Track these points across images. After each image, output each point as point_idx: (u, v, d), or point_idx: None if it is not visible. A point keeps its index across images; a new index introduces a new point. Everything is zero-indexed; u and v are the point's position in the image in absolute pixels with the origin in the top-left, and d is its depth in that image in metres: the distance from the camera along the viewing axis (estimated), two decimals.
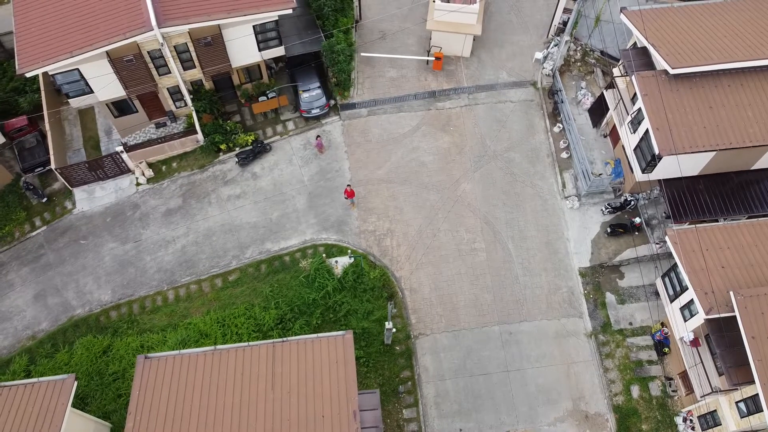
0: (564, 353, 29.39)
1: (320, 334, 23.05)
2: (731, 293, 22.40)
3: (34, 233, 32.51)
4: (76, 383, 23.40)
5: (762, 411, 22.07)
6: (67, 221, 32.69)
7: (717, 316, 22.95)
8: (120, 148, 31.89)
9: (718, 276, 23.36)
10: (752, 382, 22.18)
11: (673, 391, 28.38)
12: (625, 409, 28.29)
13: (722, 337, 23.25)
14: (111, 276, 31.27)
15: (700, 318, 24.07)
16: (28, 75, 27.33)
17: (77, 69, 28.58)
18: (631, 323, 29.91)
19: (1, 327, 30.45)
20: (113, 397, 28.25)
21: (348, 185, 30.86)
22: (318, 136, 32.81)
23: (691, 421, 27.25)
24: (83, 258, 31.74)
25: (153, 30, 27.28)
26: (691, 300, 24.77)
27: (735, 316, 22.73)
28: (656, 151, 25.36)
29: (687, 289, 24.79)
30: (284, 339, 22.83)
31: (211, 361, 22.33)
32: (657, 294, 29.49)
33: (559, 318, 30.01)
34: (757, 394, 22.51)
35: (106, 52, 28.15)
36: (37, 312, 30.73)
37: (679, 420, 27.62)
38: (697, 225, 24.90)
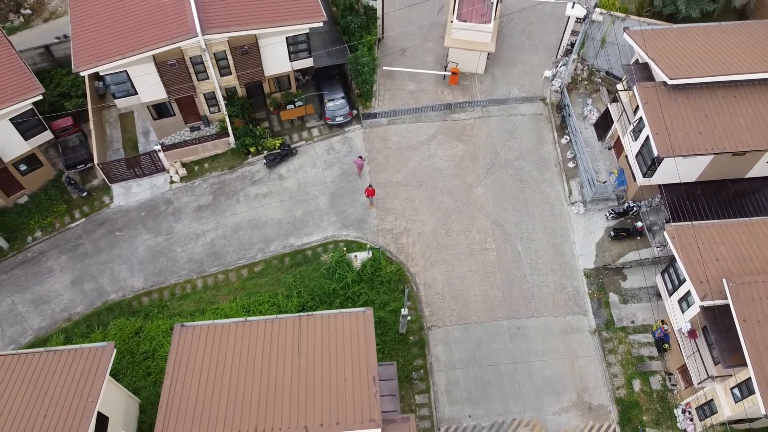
0: (569, 348, 30.99)
1: (342, 310, 24.95)
2: (724, 281, 24.21)
3: (73, 224, 34.79)
4: (115, 351, 25.31)
5: (755, 393, 23.56)
6: (105, 214, 35.00)
7: (711, 303, 24.70)
8: (158, 147, 34.41)
9: (712, 267, 25.19)
10: (744, 365, 23.75)
11: (672, 385, 29.83)
12: (627, 401, 29.71)
13: (717, 324, 24.93)
14: (144, 265, 33.38)
15: (696, 307, 25.79)
16: (82, 73, 30.06)
17: (125, 71, 31.32)
18: (633, 321, 31.54)
19: (40, 309, 32.47)
20: (143, 375, 30.05)
21: (369, 185, 33.10)
22: (360, 156, 34.57)
23: (689, 412, 28.65)
24: (118, 248, 33.92)
25: (197, 36, 30.04)
26: (688, 292, 26.54)
27: (728, 305, 24.47)
28: (656, 154, 27.51)
29: (684, 281, 26.59)
30: (309, 313, 24.72)
31: (242, 330, 24.21)
32: (658, 295, 31.16)
33: (565, 315, 31.70)
34: (749, 378, 24.04)
35: (153, 56, 30.90)
36: (74, 296, 32.77)
37: (678, 412, 29.01)
38: (694, 222, 26.82)
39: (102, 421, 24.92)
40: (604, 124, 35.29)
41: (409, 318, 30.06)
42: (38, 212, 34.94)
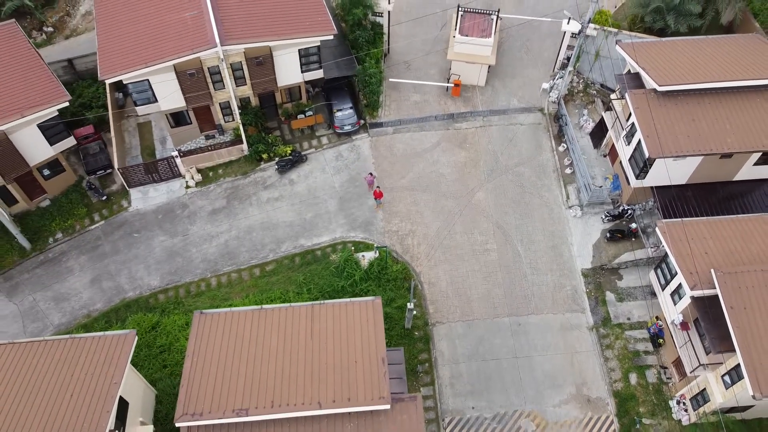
0: (568, 344, 32.29)
1: (352, 299, 26.41)
2: (712, 271, 25.70)
3: (92, 227, 36.42)
4: (136, 338, 26.71)
5: (743, 378, 24.84)
6: (123, 217, 36.64)
7: (701, 293, 26.15)
8: (175, 153, 36.22)
9: (701, 260, 26.70)
10: (733, 350, 25.08)
11: (667, 378, 31.07)
12: (624, 394, 30.90)
13: (707, 313, 26.34)
14: (160, 264, 34.89)
15: (687, 298, 27.23)
16: (108, 81, 32.00)
17: (147, 79, 33.26)
18: (629, 318, 32.88)
19: (60, 306, 33.90)
20: (159, 367, 31.34)
21: (377, 187, 34.80)
22: (371, 173, 35.95)
23: (684, 403, 29.84)
24: (136, 249, 35.47)
25: (216, 47, 32.04)
26: (680, 285, 27.99)
27: (717, 296, 25.90)
28: (647, 155, 29.25)
29: (676, 274, 28.07)
30: (321, 302, 26.18)
31: (258, 317, 25.64)
32: (653, 293, 32.56)
33: (564, 312, 33.07)
34: (738, 365, 25.35)
35: (174, 65, 32.88)
36: (93, 294, 34.23)
37: (673, 403, 30.20)
38: (684, 219, 28.41)
39: (123, 406, 26.21)
40: (599, 133, 37.11)
41: (414, 312, 31.44)
42: (59, 215, 36.58)
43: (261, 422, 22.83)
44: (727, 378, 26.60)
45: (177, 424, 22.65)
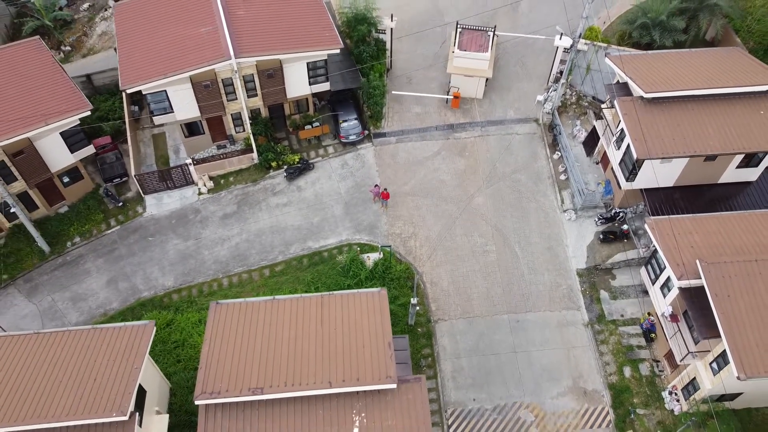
0: (564, 339, 33.75)
1: (360, 290, 28.02)
2: (697, 261, 27.39)
3: (109, 231, 38.11)
4: (155, 328, 28.21)
5: (729, 363, 26.32)
6: (138, 222, 38.36)
7: (687, 283, 27.79)
8: (189, 161, 38.11)
9: (687, 253, 28.39)
10: (718, 336, 26.61)
11: (660, 370, 32.49)
12: (619, 386, 32.27)
13: (694, 303, 27.93)
14: (174, 266, 36.50)
15: (675, 290, 28.85)
16: (128, 91, 34.05)
17: (165, 90, 35.32)
18: (622, 315, 34.41)
19: (78, 305, 35.39)
20: (174, 362, 32.73)
21: (385, 189, 36.71)
22: (377, 185, 37.51)
23: (675, 394, 31.22)
24: (150, 252, 37.11)
25: (230, 59, 34.18)
26: (668, 278, 29.63)
27: (703, 288, 27.52)
28: (635, 157, 31.17)
29: (665, 268, 29.73)
30: (330, 293, 27.77)
31: (271, 306, 27.19)
32: (645, 292, 34.15)
33: (560, 310, 34.59)
34: (724, 351, 26.86)
35: (190, 77, 34.96)
36: (109, 294, 35.76)
37: (665, 394, 31.57)
38: (671, 216, 30.19)
39: (141, 394, 27.56)
40: (591, 142, 39.10)
41: (417, 308, 32.96)
42: (77, 220, 38.31)
43: (275, 400, 24.22)
44: (714, 365, 28.07)
45: (196, 402, 24.05)
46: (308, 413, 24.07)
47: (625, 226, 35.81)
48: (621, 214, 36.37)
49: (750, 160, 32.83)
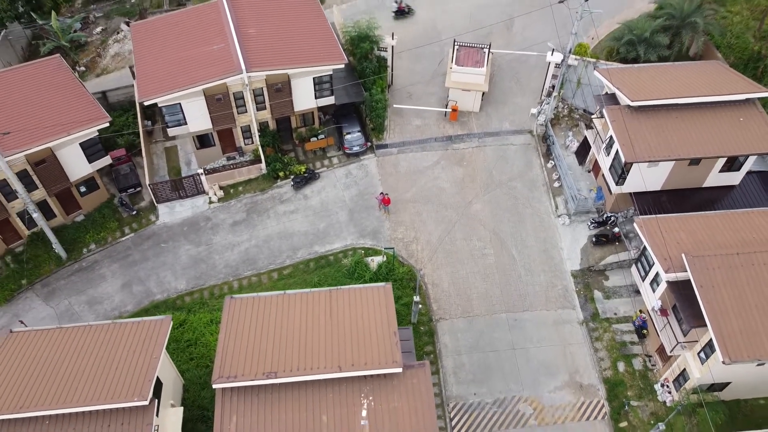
0: (561, 336, 35.29)
1: (366, 285, 29.68)
2: (683, 255, 29.17)
3: (123, 238, 39.82)
4: (171, 323, 29.75)
5: (716, 350, 27.91)
6: (151, 230, 40.10)
7: (674, 276, 29.52)
8: (200, 171, 40.04)
9: (674, 248, 30.17)
10: (704, 325, 28.25)
11: (652, 365, 33.99)
12: (613, 380, 33.73)
13: (681, 295, 29.62)
14: (186, 270, 38.14)
15: (663, 284, 30.56)
16: (145, 103, 36.13)
17: (179, 103, 37.41)
18: (615, 313, 36.01)
19: (94, 308, 36.91)
20: (187, 359, 34.16)
21: (387, 194, 38.61)
22: (382, 192, 39.33)
23: (667, 386, 32.69)
24: (163, 257, 38.79)
25: (242, 73, 36.35)
26: (657, 273, 31.36)
27: (689, 281, 29.23)
28: (623, 161, 33.18)
29: (653, 264, 31.49)
30: (338, 287, 29.42)
31: (282, 300, 28.82)
32: (637, 291, 35.82)
33: (556, 309, 36.20)
34: (711, 341, 28.47)
35: (203, 90, 37.09)
36: (124, 297, 37.31)
37: (657, 386, 33.03)
38: (658, 216, 32.05)
39: (158, 385, 28.95)
40: (583, 151, 41.19)
41: (420, 306, 34.55)
42: (93, 228, 40.05)
43: (287, 384, 25.71)
44: (702, 354, 29.63)
45: (214, 386, 25.50)
46: (319, 396, 25.55)
47: (616, 230, 37.63)
48: (612, 218, 38.22)
49: (732, 164, 34.86)
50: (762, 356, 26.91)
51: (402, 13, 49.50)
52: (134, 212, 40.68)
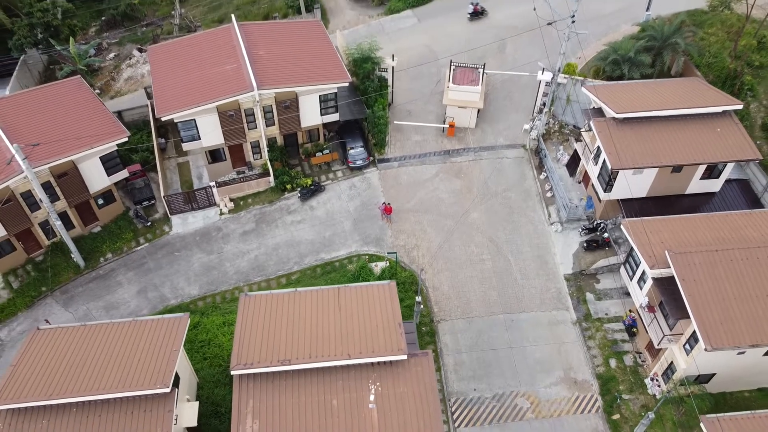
0: (555, 336, 37.22)
1: (371, 282, 31.72)
2: (666, 252, 31.38)
3: (138, 248, 41.88)
4: (189, 320, 31.64)
5: (699, 341, 29.92)
6: (165, 240, 42.19)
7: (658, 272, 31.69)
8: (212, 183, 42.33)
9: (658, 247, 32.37)
10: (688, 316, 30.30)
11: (642, 361, 35.87)
12: (606, 376, 35.56)
13: (666, 290, 31.73)
14: (198, 277, 40.12)
15: (649, 281, 32.69)
16: (163, 119, 38.60)
17: (194, 119, 39.90)
18: (606, 314, 38.01)
19: (111, 313, 38.75)
20: (200, 359, 35.92)
21: (388, 203, 40.83)
22: (384, 202, 41.81)
23: (656, 380, 34.55)
24: (177, 265, 40.80)
25: (253, 91, 38.94)
26: (644, 271, 33.52)
27: (674, 278, 31.38)
28: (610, 168, 35.62)
29: (640, 263, 33.65)
30: (346, 285, 31.45)
31: (293, 296, 30.81)
32: (627, 294, 37.89)
33: (551, 310, 38.20)
34: (695, 332, 30.49)
35: (216, 107, 39.61)
36: (139, 302, 39.20)
37: (647, 381, 34.87)
38: (643, 218, 34.35)
39: (176, 380, 30.69)
40: (573, 164, 43.68)
41: (421, 307, 36.52)
42: (109, 239, 42.13)
43: (300, 371, 27.55)
44: (687, 346, 31.60)
45: (232, 372, 27.34)
46: (329, 382, 27.37)
47: (606, 235, 39.87)
48: (602, 225, 40.50)
49: (711, 171, 37.33)
50: (741, 343, 28.94)
51: (477, 14, 52.41)
52: (149, 223, 42.81)
